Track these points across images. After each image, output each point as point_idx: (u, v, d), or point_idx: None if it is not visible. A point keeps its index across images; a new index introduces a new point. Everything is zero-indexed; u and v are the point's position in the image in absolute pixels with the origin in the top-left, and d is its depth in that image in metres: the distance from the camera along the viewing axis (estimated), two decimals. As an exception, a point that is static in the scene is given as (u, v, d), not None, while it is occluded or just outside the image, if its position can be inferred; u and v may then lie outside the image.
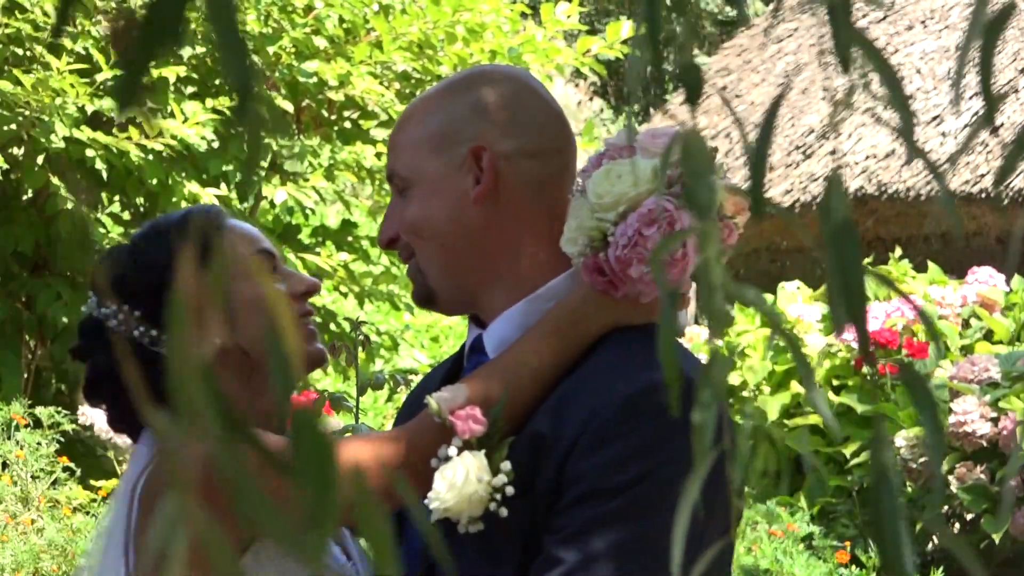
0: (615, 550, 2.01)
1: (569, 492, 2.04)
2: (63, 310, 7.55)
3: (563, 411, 2.08)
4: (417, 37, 8.15)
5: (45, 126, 7.14)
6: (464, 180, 2.19)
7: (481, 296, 2.23)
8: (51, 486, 6.72)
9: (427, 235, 2.21)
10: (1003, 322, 8.31)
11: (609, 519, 2.02)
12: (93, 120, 7.56)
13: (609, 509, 2.02)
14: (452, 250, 2.20)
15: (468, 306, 2.25)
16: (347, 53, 8.10)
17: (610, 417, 2.04)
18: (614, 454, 2.02)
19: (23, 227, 7.68)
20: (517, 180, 2.19)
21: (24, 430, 6.72)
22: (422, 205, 2.21)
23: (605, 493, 2.02)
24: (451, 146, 2.20)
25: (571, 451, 2.05)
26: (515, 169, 2.19)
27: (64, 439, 6.83)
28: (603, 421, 2.04)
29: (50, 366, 8.03)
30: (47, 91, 7.11)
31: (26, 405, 6.82)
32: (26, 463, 6.64)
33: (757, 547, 6.68)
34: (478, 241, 2.20)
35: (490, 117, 2.20)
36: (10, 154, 7.50)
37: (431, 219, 2.20)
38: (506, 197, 2.19)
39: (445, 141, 2.20)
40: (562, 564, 2.03)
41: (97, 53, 7.49)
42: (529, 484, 2.07)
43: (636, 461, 2.02)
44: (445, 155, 2.20)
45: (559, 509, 2.05)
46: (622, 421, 2.03)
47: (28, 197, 7.82)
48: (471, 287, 2.22)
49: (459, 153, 2.19)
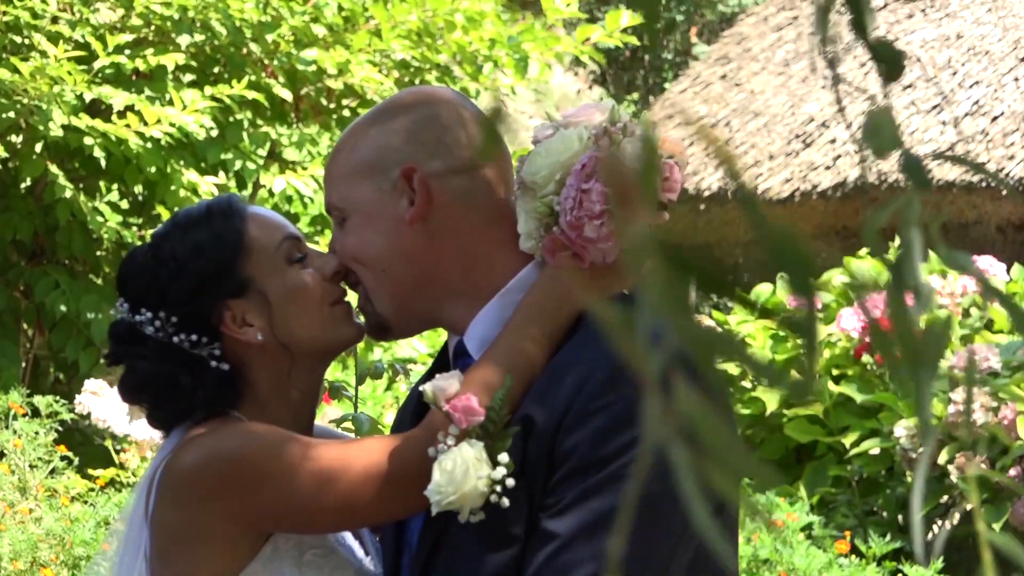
0: (606, 520, 2.04)
1: (559, 469, 2.08)
2: (61, 299, 7.53)
3: (548, 393, 2.12)
4: (416, 25, 8.12)
5: (43, 114, 7.11)
6: (398, 204, 2.23)
7: (441, 313, 2.26)
8: (49, 475, 6.70)
9: (369, 263, 2.25)
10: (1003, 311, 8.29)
11: (598, 490, 2.05)
12: (91, 108, 7.54)
13: (597, 480, 2.05)
14: (396, 275, 2.24)
15: (425, 326, 2.30)
16: (346, 41, 8.07)
17: (592, 392, 2.07)
18: (598, 427, 2.06)
19: (21, 215, 7.66)
20: (450, 197, 2.23)
21: (22, 419, 6.70)
22: (360, 233, 2.25)
23: (593, 465, 2.05)
24: (382, 172, 2.24)
25: (558, 430, 2.08)
26: (447, 187, 2.23)
27: (62, 428, 6.82)
28: (586, 397, 2.07)
29: (48, 355, 8.01)
30: (45, 79, 7.08)
31: (24, 394, 6.80)
32: (24, 452, 6.62)
33: (756, 537, 6.66)
34: (421, 262, 2.24)
35: (417, 139, 2.24)
36: (8, 142, 7.48)
37: (370, 246, 2.24)
38: (442, 215, 2.23)
39: (375, 167, 2.25)
40: (556, 538, 2.06)
41: (95, 41, 7.47)
42: (522, 468, 2.09)
43: (620, 432, 2.05)
44: (377, 181, 2.24)
45: (551, 487, 2.08)
46: (604, 394, 2.07)
47: (26, 185, 7.79)
48: (424, 308, 2.26)
49: (390, 178, 2.23)
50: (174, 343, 2.33)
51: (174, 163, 7.51)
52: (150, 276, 2.35)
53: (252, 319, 2.33)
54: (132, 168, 7.53)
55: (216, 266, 2.33)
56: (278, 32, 7.81)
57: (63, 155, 7.63)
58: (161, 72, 7.65)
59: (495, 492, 2.08)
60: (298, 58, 7.89)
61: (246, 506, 2.21)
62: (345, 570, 2.33)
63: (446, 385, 2.11)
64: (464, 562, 2.13)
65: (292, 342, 2.34)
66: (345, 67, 7.97)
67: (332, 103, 8.37)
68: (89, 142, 7.27)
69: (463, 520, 2.09)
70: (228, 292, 2.33)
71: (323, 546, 2.32)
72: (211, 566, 2.25)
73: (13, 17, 7.37)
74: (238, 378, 2.34)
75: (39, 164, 7.43)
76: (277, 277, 2.34)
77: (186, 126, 7.36)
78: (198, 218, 2.38)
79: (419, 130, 2.25)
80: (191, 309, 2.33)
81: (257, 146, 7.85)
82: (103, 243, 7.65)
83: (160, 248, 2.37)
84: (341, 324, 2.35)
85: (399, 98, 2.34)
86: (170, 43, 7.78)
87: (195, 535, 2.25)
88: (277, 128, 8.01)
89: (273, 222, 2.41)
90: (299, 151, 8.00)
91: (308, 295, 2.34)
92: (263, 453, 2.22)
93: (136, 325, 2.35)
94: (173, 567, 2.27)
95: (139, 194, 8.05)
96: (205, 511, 2.24)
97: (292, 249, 2.37)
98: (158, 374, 2.34)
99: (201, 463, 2.25)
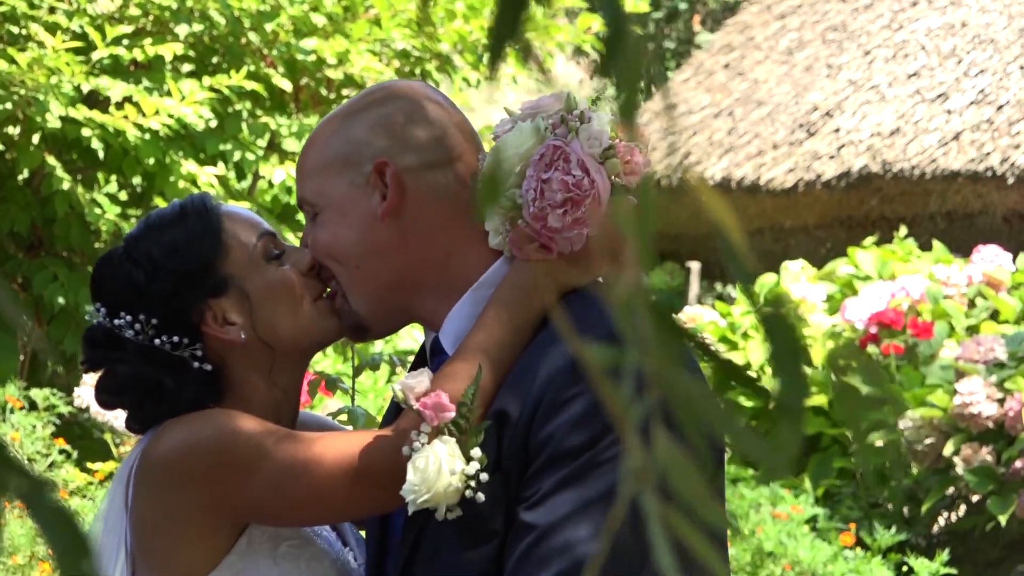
0: (583, 508, 2.04)
1: (534, 461, 2.08)
2: (60, 291, 7.49)
3: (519, 386, 2.11)
4: (416, 15, 8.08)
5: (40, 105, 7.07)
6: (371, 199, 2.22)
7: (416, 309, 2.26)
8: (48, 469, 6.68)
9: (342, 259, 2.24)
10: (1009, 301, 8.24)
11: (573, 479, 2.05)
12: (89, 99, 7.50)
13: (572, 470, 2.05)
14: (369, 272, 2.22)
15: (402, 322, 2.29)
16: (346, 31, 8.03)
17: (563, 382, 2.07)
18: (569, 417, 2.06)
19: (19, 207, 7.62)
20: (423, 192, 2.22)
21: (19, 412, 6.67)
22: (332, 228, 2.24)
23: (566, 455, 2.05)
24: (355, 166, 2.23)
25: (531, 423, 2.08)
26: (420, 181, 2.22)
27: (60, 421, 6.79)
28: (557, 387, 2.07)
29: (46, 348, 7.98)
30: (42, 69, 7.04)
31: (22, 387, 6.77)
32: (22, 446, 6.59)
33: (761, 529, 6.63)
34: (394, 258, 2.22)
35: (391, 133, 2.23)
36: (5, 133, 7.44)
37: (342, 241, 2.23)
38: (415, 210, 2.22)
39: (348, 162, 2.23)
40: (533, 530, 2.06)
41: (93, 31, 7.43)
42: (498, 462, 2.09)
43: (592, 420, 2.05)
44: (349, 175, 2.23)
45: (527, 479, 2.08)
46: (574, 384, 2.06)
47: (24, 177, 7.76)
48: (399, 304, 2.25)
49: (363, 172, 2.22)
50: (155, 345, 2.31)
51: (173, 154, 7.47)
52: (126, 279, 2.33)
53: (234, 318, 2.31)
54: (130, 159, 7.50)
55: (194, 265, 2.31)
56: (277, 21, 7.77)
57: (61, 146, 7.59)
58: (159, 62, 7.61)
59: (470, 488, 2.07)
60: (297, 48, 7.85)
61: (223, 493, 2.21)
62: (321, 561, 2.32)
63: (415, 383, 2.10)
64: (445, 558, 2.14)
65: (275, 339, 2.32)
66: (345, 57, 7.93)
67: (332, 93, 8.33)
68: (87, 133, 7.24)
69: (440, 518, 2.09)
70: (208, 291, 2.31)
71: (299, 538, 2.31)
72: (188, 556, 2.24)
73: (10, 7, 7.33)
74: (220, 377, 2.33)
75: (36, 155, 7.39)
76: (257, 274, 2.33)
77: (185, 117, 7.32)
78: (172, 218, 2.36)
79: (392, 124, 2.24)
80: (171, 310, 2.31)
81: (256, 137, 7.81)
82: (101, 235, 7.61)
83: (134, 249, 2.35)
84: (324, 319, 2.33)
85: (371, 93, 2.33)
86: (168, 33, 7.74)
87: (172, 524, 2.24)
88: (276, 118, 7.97)
89: (248, 220, 2.39)
90: (299, 141, 7.96)
91: (289, 292, 2.32)
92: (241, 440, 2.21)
93: (114, 329, 2.33)
94: (151, 559, 2.25)
95: (137, 186, 8.01)
96: (183, 498, 2.22)
97: (269, 246, 2.35)
98: (140, 377, 2.31)
99: (180, 449, 2.23)
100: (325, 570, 2.31)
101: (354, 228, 2.23)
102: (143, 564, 2.28)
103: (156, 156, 7.37)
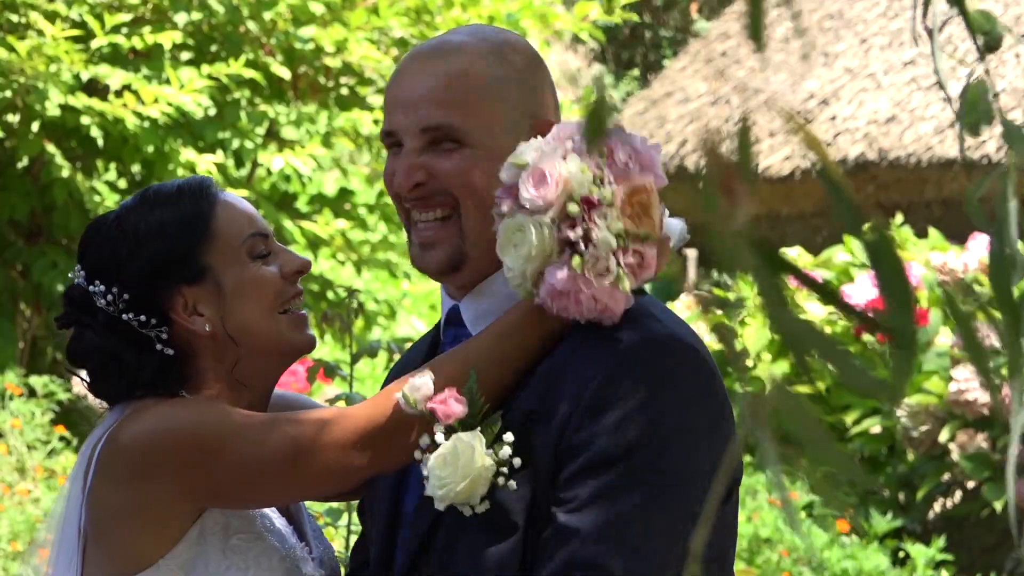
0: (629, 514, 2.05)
1: (572, 463, 2.07)
2: (59, 278, 7.51)
3: (553, 387, 2.11)
4: (414, 3, 8.09)
5: (40, 93, 7.09)
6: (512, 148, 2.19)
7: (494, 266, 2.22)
8: (47, 456, 6.70)
9: (487, 199, 2.18)
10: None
11: (618, 485, 2.05)
12: (88, 87, 7.51)
13: (616, 474, 2.05)
14: (489, 217, 2.18)
15: (487, 273, 2.24)
16: (344, 19, 8.04)
17: (602, 383, 2.07)
18: (612, 420, 2.06)
19: (18, 195, 7.64)
20: None
21: (19, 400, 6.69)
22: (487, 171, 2.20)
23: (610, 460, 2.05)
24: (522, 127, 2.22)
25: (567, 423, 2.08)
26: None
27: (59, 408, 6.81)
28: (596, 388, 2.07)
29: (46, 335, 7.99)
30: (42, 58, 7.06)
31: (21, 375, 6.79)
32: (22, 433, 6.61)
33: (758, 516, 6.66)
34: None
35: (549, 92, 2.28)
36: (5, 121, 7.45)
37: (493, 186, 2.18)
38: None
39: (519, 124, 2.22)
40: (576, 534, 2.06)
41: (92, 19, 7.44)
42: (525, 461, 2.09)
43: (635, 423, 2.06)
44: (516, 135, 2.20)
45: (564, 481, 2.08)
46: (614, 385, 2.07)
47: (23, 165, 7.77)
48: (493, 255, 2.19)
49: (524, 128, 2.21)
50: (123, 319, 2.31)
51: (172, 142, 7.49)
52: (110, 249, 2.33)
53: (203, 309, 2.31)
54: (130, 147, 7.51)
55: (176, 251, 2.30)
56: (275, 10, 7.78)
57: (60, 134, 7.61)
58: (158, 51, 7.62)
59: (502, 474, 2.07)
60: (296, 36, 7.87)
61: (195, 480, 2.20)
62: (270, 557, 2.31)
63: (420, 384, 2.09)
64: (464, 546, 2.12)
65: (242, 337, 2.31)
66: (343, 45, 7.94)
67: (330, 81, 8.34)
68: (86, 121, 7.25)
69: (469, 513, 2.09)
70: (183, 278, 2.31)
71: (251, 532, 2.30)
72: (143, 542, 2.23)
73: (9, -4, 7.34)
74: (184, 364, 2.32)
75: (36, 143, 7.40)
76: (236, 269, 2.32)
77: (183, 105, 7.33)
78: (167, 196, 2.35)
79: (549, 85, 2.29)
80: (144, 290, 2.30)
81: (255, 125, 7.82)
82: (101, 223, 7.63)
83: (125, 220, 2.34)
84: (293, 329, 2.33)
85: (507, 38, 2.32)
86: (167, 21, 7.75)
87: (132, 511, 2.23)
88: (275, 107, 7.98)
89: (244, 213, 2.37)
90: (297, 130, 7.97)
91: (262, 292, 2.31)
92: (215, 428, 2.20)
93: (89, 294, 2.33)
94: (104, 544, 2.25)
95: (137, 173, 8.02)
96: (150, 485, 2.21)
97: (258, 244, 2.34)
98: (103, 347, 2.31)
99: (152, 436, 2.22)
100: (273, 566, 2.31)
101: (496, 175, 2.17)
102: (95, 547, 2.27)
103: (155, 144, 7.38)
